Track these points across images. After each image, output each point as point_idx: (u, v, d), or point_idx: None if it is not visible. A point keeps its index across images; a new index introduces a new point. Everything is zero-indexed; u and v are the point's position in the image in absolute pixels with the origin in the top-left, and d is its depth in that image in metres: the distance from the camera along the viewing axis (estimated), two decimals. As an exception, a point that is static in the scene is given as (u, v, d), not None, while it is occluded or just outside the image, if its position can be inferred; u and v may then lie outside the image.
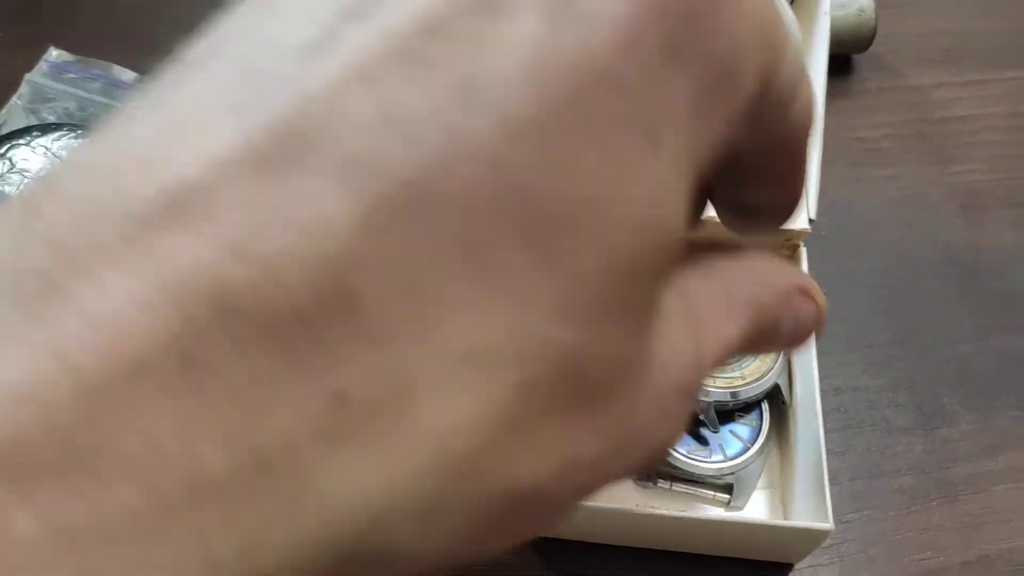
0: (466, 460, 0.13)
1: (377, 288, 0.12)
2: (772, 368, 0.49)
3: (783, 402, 0.50)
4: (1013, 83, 0.67)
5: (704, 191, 0.18)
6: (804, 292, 0.20)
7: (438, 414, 0.13)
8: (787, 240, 0.52)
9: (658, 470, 0.49)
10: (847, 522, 0.49)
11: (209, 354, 0.12)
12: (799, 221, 0.51)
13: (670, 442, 0.16)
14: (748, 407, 0.50)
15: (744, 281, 0.18)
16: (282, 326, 0.12)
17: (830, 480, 0.44)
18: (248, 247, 0.12)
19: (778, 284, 0.19)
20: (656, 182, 0.14)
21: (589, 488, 0.15)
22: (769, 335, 0.19)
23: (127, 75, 0.62)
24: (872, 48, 0.66)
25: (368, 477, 0.13)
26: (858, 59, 0.67)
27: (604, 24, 0.13)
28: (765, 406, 0.50)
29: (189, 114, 0.13)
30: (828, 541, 0.48)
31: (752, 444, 0.49)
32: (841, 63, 0.67)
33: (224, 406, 0.12)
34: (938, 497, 0.50)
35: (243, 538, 0.12)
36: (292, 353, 0.12)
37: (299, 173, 0.12)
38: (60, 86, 0.61)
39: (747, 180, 0.18)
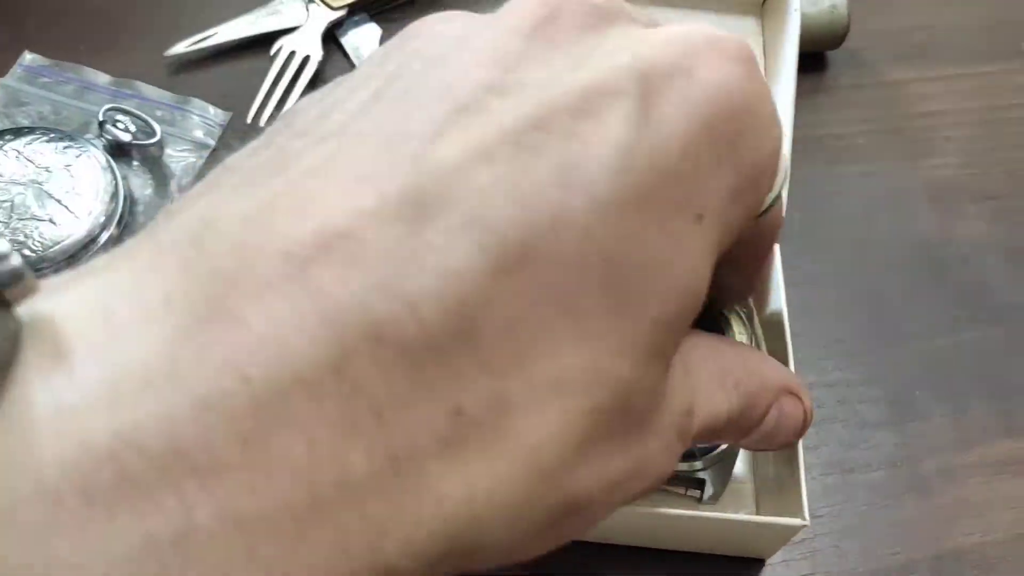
0: (546, 471, 0.16)
1: (492, 326, 0.15)
2: None
3: None
4: (987, 77, 0.67)
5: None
6: (792, 392, 0.23)
7: (529, 431, 0.16)
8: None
9: None
10: (819, 517, 0.49)
11: (358, 373, 0.14)
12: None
13: (663, 477, 0.20)
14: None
15: (739, 366, 0.22)
16: (417, 352, 0.15)
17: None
18: (392, 287, 0.15)
19: (769, 379, 0.23)
20: (697, 253, 0.17)
21: (618, 505, 0.18)
22: (753, 423, 0.22)
23: (101, 78, 0.62)
24: (845, 44, 0.66)
25: (474, 481, 0.15)
26: (832, 56, 0.67)
27: (672, 135, 0.17)
28: None
29: (331, 175, 0.16)
30: (800, 536, 0.48)
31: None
32: (815, 60, 0.67)
33: (368, 417, 0.14)
34: (910, 491, 0.50)
35: (374, 531, 0.14)
36: (423, 374, 0.15)
37: (432, 228, 0.15)
38: (34, 90, 0.61)
39: (723, 262, 0.21)
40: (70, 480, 0.13)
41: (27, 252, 0.52)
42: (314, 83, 0.63)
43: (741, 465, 0.50)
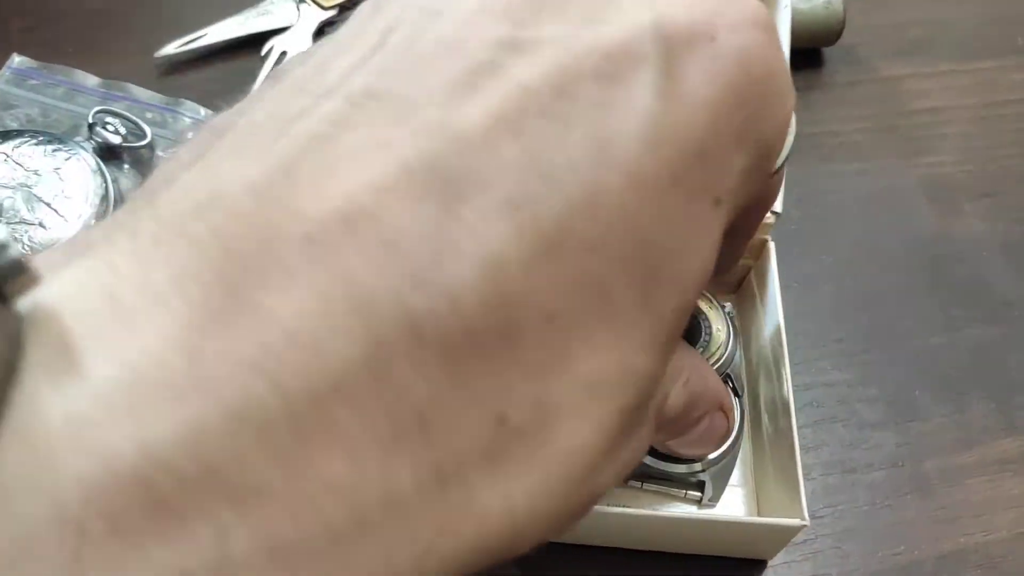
0: (581, 477, 0.15)
1: (533, 322, 0.14)
2: (721, 359, 0.47)
3: (737, 393, 0.49)
4: (983, 74, 0.67)
5: None
6: (726, 409, 0.23)
7: (568, 438, 0.15)
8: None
9: None
10: (820, 518, 0.49)
11: (398, 376, 0.13)
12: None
13: (639, 460, 0.19)
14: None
15: (691, 367, 0.20)
16: (459, 352, 0.13)
17: (803, 476, 0.43)
18: (429, 277, 0.13)
19: (711, 388, 0.22)
20: (713, 239, 0.16)
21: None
22: (689, 425, 0.22)
23: (90, 80, 0.61)
24: (841, 41, 0.66)
25: (515, 494, 0.14)
26: (828, 52, 0.67)
27: (698, 108, 0.16)
28: (736, 402, 0.50)
29: (345, 143, 0.14)
30: (801, 537, 0.48)
31: (724, 441, 0.48)
32: (811, 56, 0.66)
33: (413, 426, 0.13)
34: (911, 491, 0.50)
35: (418, 548, 0.13)
36: (465, 377, 0.14)
37: (467, 208, 0.14)
38: (23, 92, 0.60)
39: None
40: (93, 506, 0.11)
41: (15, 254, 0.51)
42: (306, 84, 0.62)
43: (740, 467, 0.49)
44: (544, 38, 0.16)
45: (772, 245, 0.51)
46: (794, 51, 0.61)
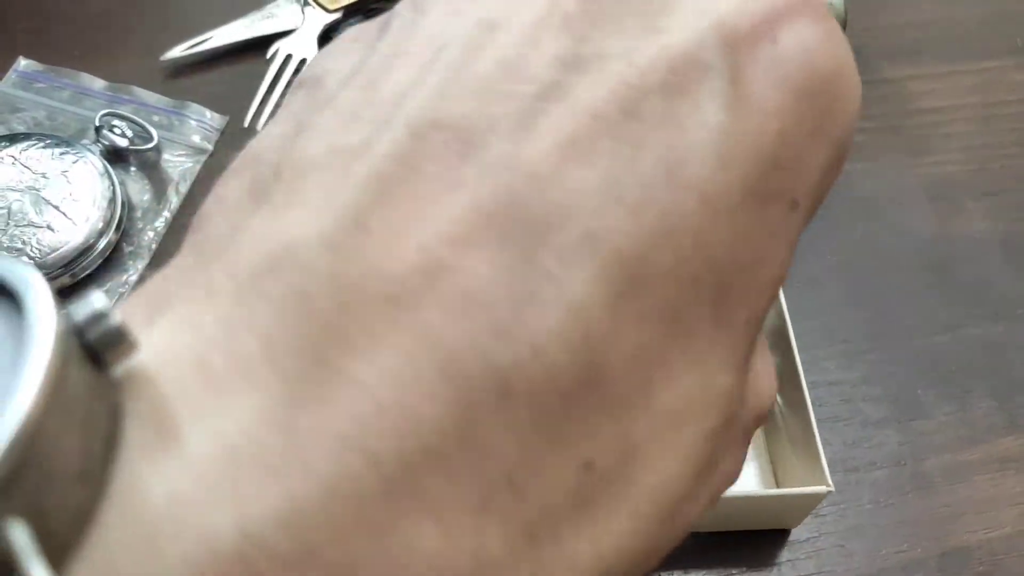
0: (672, 511, 0.15)
1: (617, 363, 0.13)
2: None
3: None
4: (985, 73, 0.67)
5: None
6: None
7: (655, 473, 0.14)
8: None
9: None
10: (823, 516, 0.49)
11: (486, 435, 0.13)
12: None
13: (736, 477, 0.18)
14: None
15: (764, 364, 0.19)
16: (548, 405, 0.13)
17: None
18: (512, 328, 0.13)
19: (773, 381, 0.21)
20: (790, 243, 0.16)
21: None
22: (761, 422, 0.20)
23: (97, 83, 0.61)
24: (843, 42, 0.66)
25: (603, 539, 0.14)
26: (830, 53, 0.67)
27: (769, 116, 0.15)
28: None
29: (414, 185, 0.14)
30: (805, 535, 0.48)
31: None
32: (813, 57, 0.67)
33: (501, 486, 0.13)
34: (915, 489, 0.50)
35: None
36: (553, 429, 0.13)
37: (544, 251, 0.13)
38: (29, 95, 0.61)
39: None
40: None
41: (25, 259, 0.52)
42: (311, 86, 0.62)
43: (753, 441, 0.50)
44: (607, 53, 0.15)
45: None
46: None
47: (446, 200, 0.13)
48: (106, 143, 0.57)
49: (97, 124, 0.58)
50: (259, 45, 0.64)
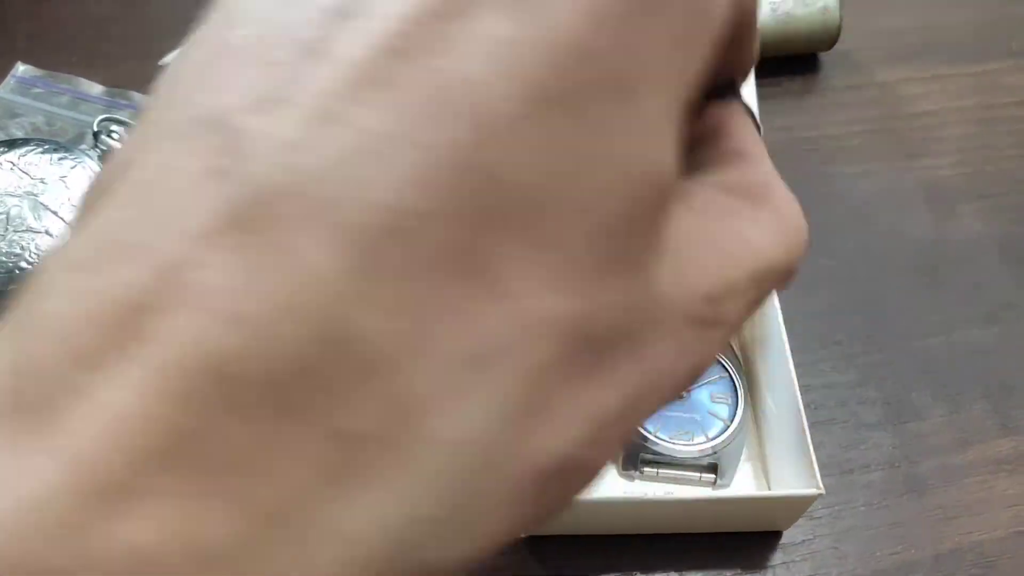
0: (487, 457, 0.13)
1: (371, 319, 0.12)
2: None
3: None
4: (979, 77, 0.68)
5: (696, 104, 0.18)
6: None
7: (448, 425, 0.13)
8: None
9: (643, 458, 0.49)
10: (818, 519, 0.49)
11: (210, 427, 0.12)
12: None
13: (697, 373, 0.16)
14: (721, 383, 0.51)
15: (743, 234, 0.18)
16: (281, 382, 0.12)
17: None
18: (243, 312, 0.12)
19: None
20: (636, 135, 0.14)
21: (620, 440, 0.15)
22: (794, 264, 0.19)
23: (95, 88, 0.62)
24: (837, 46, 0.66)
25: (384, 507, 0.13)
26: (824, 57, 0.68)
27: (565, 6, 0.13)
28: (739, 382, 0.51)
29: (166, 184, 0.13)
30: (800, 537, 0.49)
31: (731, 422, 0.50)
32: (807, 62, 0.67)
33: (230, 474, 0.12)
34: (908, 491, 0.50)
35: None
36: (293, 406, 0.12)
37: (281, 227, 0.12)
38: (27, 101, 0.61)
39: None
40: None
41: (24, 264, 0.52)
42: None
43: (749, 442, 0.51)
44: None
45: None
46: (791, 57, 0.62)
47: (194, 199, 0.13)
48: (104, 148, 0.57)
49: (95, 129, 0.58)
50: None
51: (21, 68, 0.62)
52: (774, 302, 0.50)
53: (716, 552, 0.48)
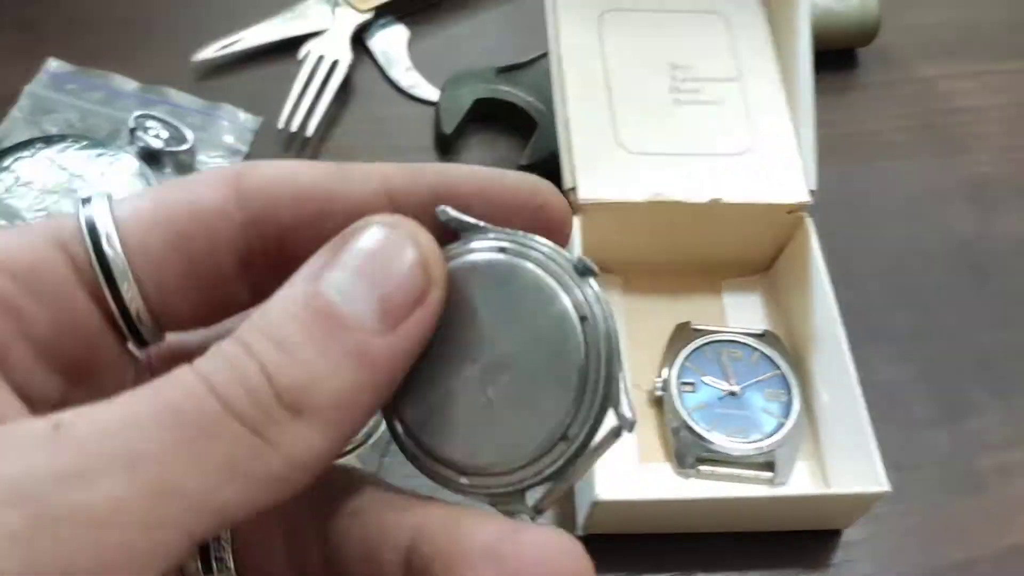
0: None
1: None
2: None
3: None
4: (1019, 73, 0.67)
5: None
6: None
7: None
8: (789, 212, 0.52)
9: (699, 456, 0.48)
10: (876, 516, 0.48)
11: None
12: (798, 192, 0.51)
13: None
14: (774, 380, 0.51)
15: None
16: None
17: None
18: None
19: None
20: None
21: None
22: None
23: (128, 85, 0.61)
24: (875, 41, 0.66)
25: None
26: (862, 53, 0.67)
27: None
28: (792, 379, 0.50)
29: None
30: (859, 535, 0.48)
31: (786, 419, 0.49)
32: (845, 57, 0.67)
33: None
34: (966, 489, 0.50)
35: None
36: None
37: None
38: (60, 97, 0.60)
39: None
40: None
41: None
42: (344, 87, 0.62)
43: (805, 440, 0.50)
44: None
45: (810, 222, 0.52)
46: (829, 52, 0.61)
47: None
48: (141, 144, 0.56)
49: (131, 125, 0.57)
50: (290, 46, 0.63)
51: (54, 64, 0.61)
52: (829, 298, 0.49)
53: (775, 551, 0.48)
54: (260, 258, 0.22)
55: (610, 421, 0.21)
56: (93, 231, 0.21)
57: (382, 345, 0.20)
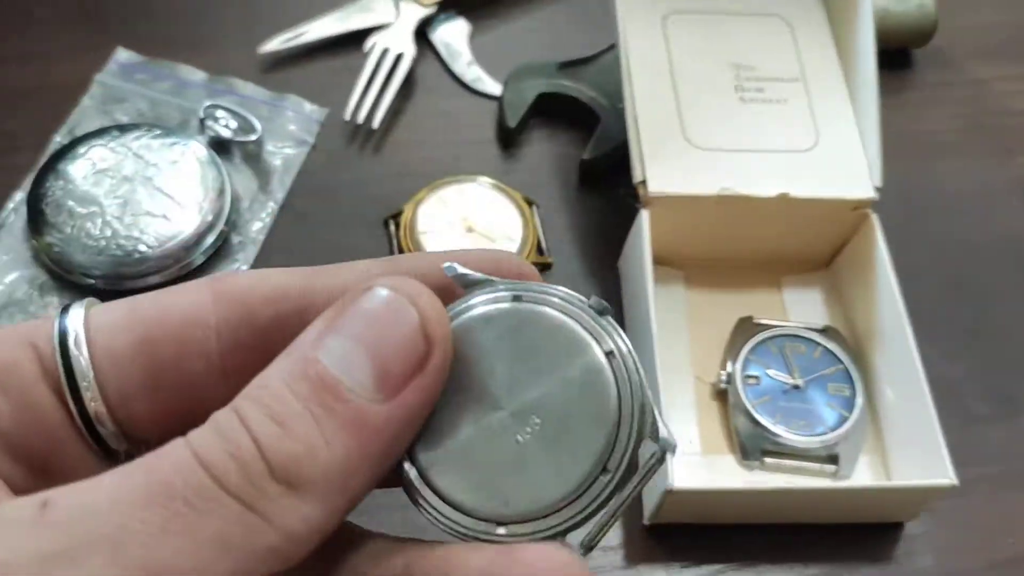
0: None
1: None
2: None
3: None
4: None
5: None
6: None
7: None
8: (854, 208, 0.53)
9: (763, 448, 0.49)
10: (935, 510, 0.49)
11: None
12: (863, 189, 0.52)
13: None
14: (838, 375, 0.52)
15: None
16: None
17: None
18: None
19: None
20: None
21: None
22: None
23: (196, 75, 0.62)
24: (931, 42, 0.66)
25: None
26: (917, 54, 0.68)
27: None
28: (856, 373, 0.51)
29: None
30: (919, 529, 0.49)
31: (850, 412, 0.50)
32: (900, 57, 0.67)
33: None
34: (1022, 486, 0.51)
35: None
36: None
37: None
38: (131, 86, 0.61)
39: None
40: None
41: (143, 248, 0.52)
42: (408, 81, 0.63)
43: (867, 435, 0.51)
44: None
45: (875, 218, 0.53)
46: (885, 52, 0.61)
47: None
48: (211, 134, 0.58)
49: (201, 116, 0.58)
50: (353, 39, 0.64)
51: (123, 54, 0.62)
52: (896, 294, 0.50)
53: (839, 544, 0.48)
54: (240, 364, 0.22)
55: (649, 448, 0.21)
56: (63, 333, 0.22)
57: (380, 414, 0.19)
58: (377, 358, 0.20)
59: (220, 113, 0.59)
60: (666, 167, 0.52)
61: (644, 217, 0.51)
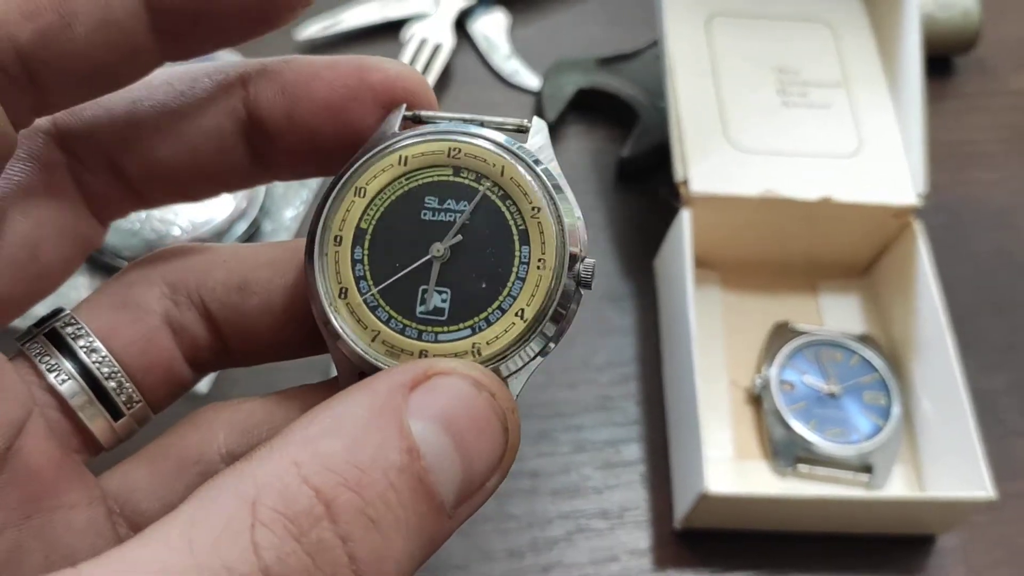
0: None
1: None
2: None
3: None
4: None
5: None
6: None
7: None
8: (895, 215, 0.52)
9: (797, 455, 0.49)
10: (970, 524, 0.49)
11: None
12: (906, 196, 0.52)
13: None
14: (874, 384, 0.51)
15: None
16: None
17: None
18: None
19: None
20: None
21: None
22: None
23: (233, 59, 0.61)
24: (972, 51, 0.66)
25: None
26: (958, 62, 0.67)
27: None
28: (892, 383, 0.50)
29: None
30: (952, 543, 0.48)
31: (885, 422, 0.49)
32: (941, 65, 0.67)
33: None
34: (1060, 501, 0.50)
35: None
36: None
37: None
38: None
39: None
40: None
41: (176, 232, 0.52)
42: (445, 71, 0.62)
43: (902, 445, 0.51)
44: None
45: (918, 225, 0.52)
46: (927, 59, 0.61)
47: None
48: (248, 119, 0.57)
49: (238, 99, 0.58)
50: (393, 28, 0.64)
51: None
52: (937, 304, 0.49)
53: (870, 555, 0.48)
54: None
55: None
56: None
57: (449, 529, 0.19)
58: (467, 467, 0.19)
59: (257, 98, 0.58)
60: (708, 167, 0.51)
61: (685, 217, 0.50)
